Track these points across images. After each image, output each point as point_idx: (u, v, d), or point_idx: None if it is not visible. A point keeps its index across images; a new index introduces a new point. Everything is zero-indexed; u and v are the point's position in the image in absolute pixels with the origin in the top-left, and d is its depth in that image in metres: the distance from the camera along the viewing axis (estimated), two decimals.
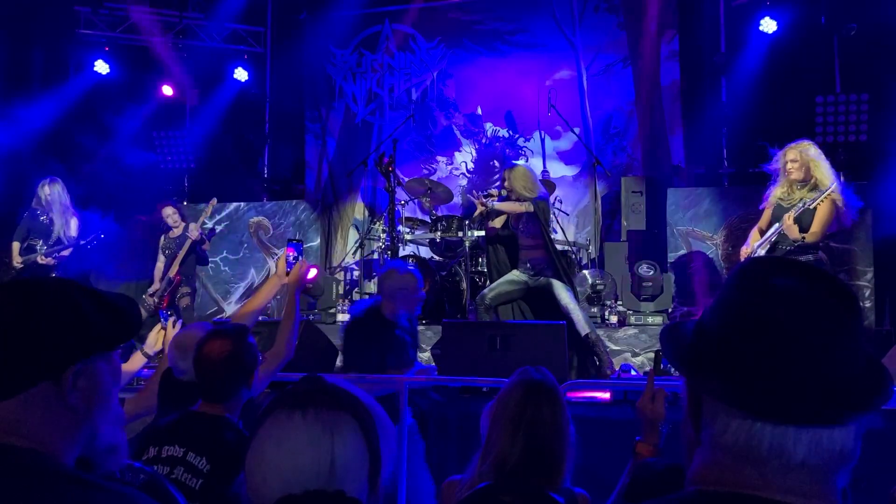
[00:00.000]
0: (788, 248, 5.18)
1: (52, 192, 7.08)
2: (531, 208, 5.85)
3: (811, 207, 5.09)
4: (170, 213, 7.57)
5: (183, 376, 2.73)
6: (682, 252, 7.80)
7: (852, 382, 0.93)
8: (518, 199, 5.98)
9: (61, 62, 9.68)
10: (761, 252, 5.28)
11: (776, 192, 5.39)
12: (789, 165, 5.27)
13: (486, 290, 6.26)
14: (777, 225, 5.24)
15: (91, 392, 1.17)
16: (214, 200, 7.76)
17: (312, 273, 3.31)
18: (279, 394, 1.15)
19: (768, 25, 8.12)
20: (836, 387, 0.92)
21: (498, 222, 6.39)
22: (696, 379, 1.01)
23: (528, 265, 6.06)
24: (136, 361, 3.30)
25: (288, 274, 3.26)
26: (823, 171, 5.20)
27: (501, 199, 6.18)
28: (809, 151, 5.26)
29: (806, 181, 5.24)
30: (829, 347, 0.93)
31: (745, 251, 5.54)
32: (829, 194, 5.06)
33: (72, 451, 1.16)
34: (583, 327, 5.76)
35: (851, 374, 0.93)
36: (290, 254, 3.25)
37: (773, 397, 0.92)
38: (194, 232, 7.36)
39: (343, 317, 7.49)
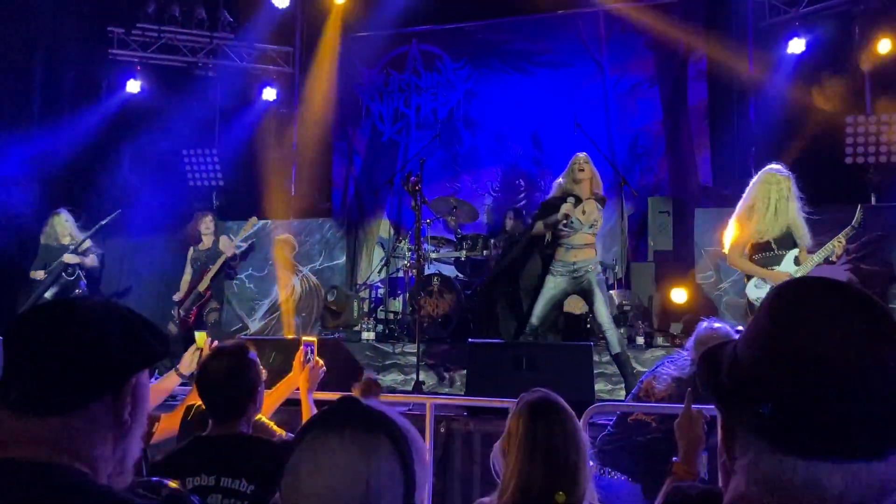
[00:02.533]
0: None
1: (59, 223, 7.20)
2: None
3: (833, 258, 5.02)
4: (207, 222, 7.57)
5: None
6: (710, 273, 7.73)
7: (891, 414, 0.87)
8: (593, 191, 5.82)
9: (94, 82, 9.87)
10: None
11: (758, 226, 5.09)
12: (777, 195, 5.03)
13: (532, 319, 5.88)
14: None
15: (135, 407, 1.19)
16: (254, 219, 7.77)
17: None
18: (315, 415, 1.15)
19: (797, 46, 8.09)
20: (873, 421, 0.87)
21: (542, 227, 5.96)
22: (728, 409, 0.98)
23: (574, 266, 5.75)
24: (170, 381, 3.27)
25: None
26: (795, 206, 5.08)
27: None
28: (784, 181, 5.05)
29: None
30: (866, 380, 0.87)
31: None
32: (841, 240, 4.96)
33: (108, 470, 1.17)
34: (615, 345, 5.62)
35: (891, 406, 0.87)
36: (305, 351, 3.24)
37: (805, 433, 0.88)
38: (230, 248, 7.36)
39: (368, 335, 7.49)
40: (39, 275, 7.12)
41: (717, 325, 3.65)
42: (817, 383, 0.88)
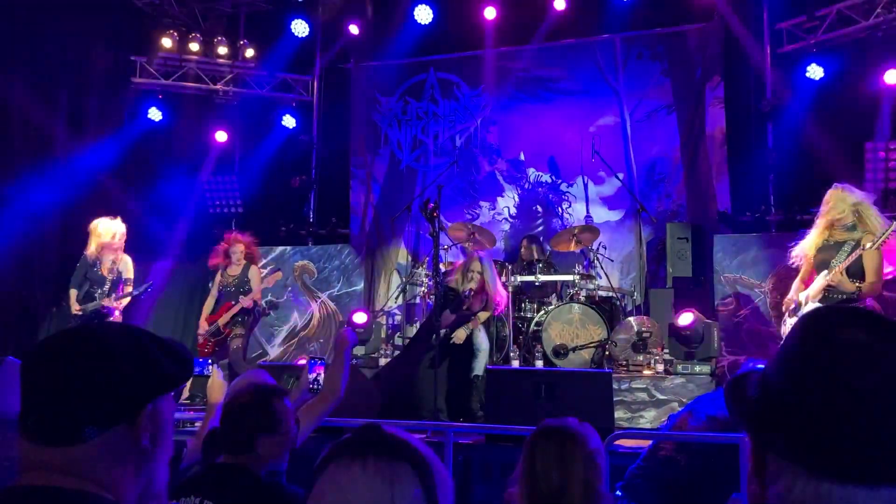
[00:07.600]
0: (840, 298, 4.96)
1: (109, 230, 7.07)
2: None
3: (863, 253, 4.80)
4: (240, 247, 7.35)
5: None
6: (729, 298, 7.68)
7: None
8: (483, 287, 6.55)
9: (116, 110, 10.02)
10: (811, 305, 5.04)
11: (813, 241, 5.15)
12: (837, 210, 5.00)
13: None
14: (823, 276, 4.98)
15: (156, 433, 1.19)
16: (279, 274, 7.73)
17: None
18: (338, 443, 1.16)
19: (815, 72, 8.09)
20: None
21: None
22: (759, 436, 0.98)
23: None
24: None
25: (312, 390, 3.18)
26: (872, 212, 4.97)
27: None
28: (856, 193, 5.03)
29: (845, 223, 5.00)
30: None
31: (787, 302, 5.37)
32: (884, 237, 4.76)
33: (134, 496, 1.18)
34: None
35: None
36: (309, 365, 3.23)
37: (841, 458, 0.87)
38: (247, 301, 7.20)
39: (385, 361, 7.49)
40: (73, 294, 6.93)
41: (760, 366, 3.61)
42: (851, 409, 0.87)
